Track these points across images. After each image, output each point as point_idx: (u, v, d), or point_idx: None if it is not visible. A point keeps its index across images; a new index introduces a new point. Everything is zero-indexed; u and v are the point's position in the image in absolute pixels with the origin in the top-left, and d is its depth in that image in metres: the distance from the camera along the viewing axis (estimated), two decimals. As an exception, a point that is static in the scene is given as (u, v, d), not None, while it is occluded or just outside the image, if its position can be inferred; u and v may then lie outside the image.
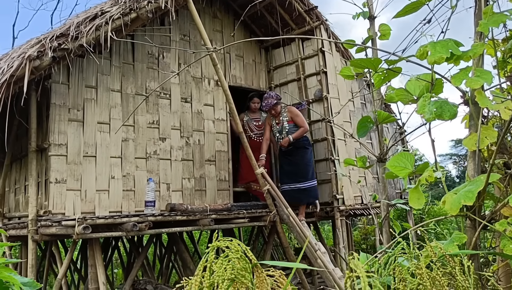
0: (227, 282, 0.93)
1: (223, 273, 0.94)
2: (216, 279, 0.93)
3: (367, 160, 2.45)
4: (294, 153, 6.22)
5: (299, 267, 1.18)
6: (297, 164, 6.17)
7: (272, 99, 6.20)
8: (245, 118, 7.03)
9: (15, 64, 4.00)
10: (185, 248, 6.14)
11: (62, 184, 5.06)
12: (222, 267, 0.94)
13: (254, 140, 6.87)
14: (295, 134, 6.16)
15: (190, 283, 0.96)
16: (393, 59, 1.46)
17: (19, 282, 1.44)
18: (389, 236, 2.27)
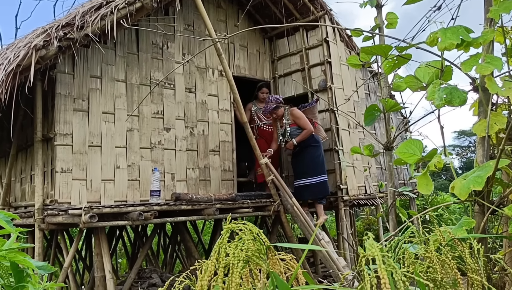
0: (242, 263, 0.95)
1: (238, 254, 0.95)
2: (231, 260, 0.95)
3: (373, 149, 2.46)
4: (301, 153, 6.16)
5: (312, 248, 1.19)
6: (304, 161, 6.13)
7: (271, 104, 6.17)
8: (253, 108, 6.97)
9: (21, 53, 4.02)
10: (189, 237, 6.18)
11: (68, 173, 5.09)
12: (238, 248, 0.96)
13: (263, 129, 6.86)
14: (299, 137, 6.09)
15: (206, 263, 0.98)
16: (403, 46, 1.47)
17: (34, 266, 1.47)
18: (395, 223, 2.29)
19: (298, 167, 6.21)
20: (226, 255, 1.09)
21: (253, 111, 6.93)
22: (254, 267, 1.04)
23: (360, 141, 7.04)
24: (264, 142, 6.68)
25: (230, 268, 0.94)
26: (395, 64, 1.58)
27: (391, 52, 1.51)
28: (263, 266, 1.00)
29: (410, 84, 1.59)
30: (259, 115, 6.91)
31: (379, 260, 0.78)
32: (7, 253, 1.48)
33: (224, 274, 1.04)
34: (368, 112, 2.30)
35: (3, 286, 1.53)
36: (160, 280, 5.74)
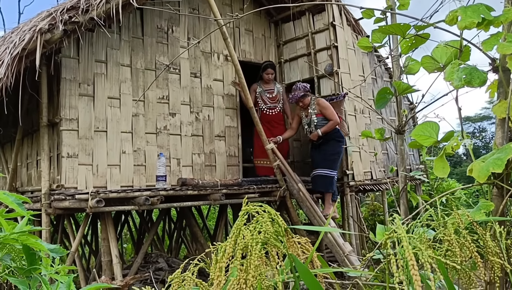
0: (260, 245, 0.93)
1: (257, 236, 0.94)
2: (249, 242, 0.93)
3: (384, 132, 2.44)
4: (326, 144, 6.00)
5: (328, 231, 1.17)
6: (325, 151, 5.97)
7: (299, 91, 5.99)
8: (258, 89, 6.76)
9: (26, 37, 3.98)
10: (195, 222, 6.19)
11: (74, 158, 5.09)
12: (256, 230, 0.95)
13: (267, 113, 6.69)
14: (324, 128, 5.93)
15: (224, 245, 0.97)
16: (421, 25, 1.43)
17: (46, 248, 1.46)
18: (406, 208, 2.27)
19: (317, 157, 6.03)
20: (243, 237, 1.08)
21: (257, 93, 6.72)
22: (271, 249, 1.02)
23: (367, 126, 7.00)
24: (266, 129, 6.48)
25: (248, 250, 0.92)
26: (412, 44, 1.54)
27: (409, 32, 1.47)
28: (281, 248, 0.98)
29: (426, 65, 1.56)
30: (264, 98, 6.73)
31: (405, 241, 0.76)
32: (19, 236, 1.47)
33: (241, 256, 1.02)
34: (380, 95, 2.26)
35: (15, 268, 1.52)
36: (166, 265, 5.77)
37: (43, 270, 1.46)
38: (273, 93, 6.75)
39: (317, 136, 5.96)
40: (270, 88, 6.77)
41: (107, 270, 5.01)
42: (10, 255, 1.60)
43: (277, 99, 6.76)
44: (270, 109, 6.70)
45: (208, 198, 5.41)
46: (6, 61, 3.94)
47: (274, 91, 6.78)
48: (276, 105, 6.73)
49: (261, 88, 6.79)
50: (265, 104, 6.70)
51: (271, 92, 6.76)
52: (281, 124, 6.77)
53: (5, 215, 1.60)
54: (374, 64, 7.53)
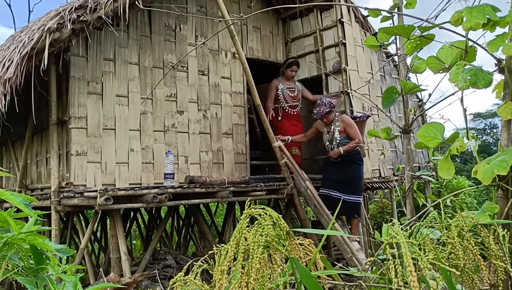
0: (262, 248, 0.94)
1: (258, 239, 0.94)
2: (251, 246, 0.94)
3: (391, 131, 2.43)
4: (345, 166, 5.79)
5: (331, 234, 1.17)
6: (347, 176, 5.75)
7: (324, 107, 5.72)
8: (279, 86, 6.63)
9: (35, 36, 4.02)
10: (203, 220, 6.22)
11: (82, 156, 5.13)
12: (257, 233, 0.95)
13: (288, 112, 6.59)
14: (346, 146, 5.69)
15: (226, 248, 0.97)
16: (426, 26, 1.42)
17: (53, 248, 1.48)
18: (412, 207, 2.27)
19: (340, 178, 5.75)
20: (245, 240, 1.08)
21: (279, 90, 6.61)
22: (273, 252, 1.03)
23: (375, 124, 6.97)
24: (288, 123, 6.54)
25: (250, 253, 0.93)
26: (417, 44, 1.53)
27: (414, 33, 1.46)
28: (282, 251, 0.99)
29: (432, 65, 1.55)
30: (285, 96, 6.59)
31: (404, 247, 0.76)
32: (27, 236, 1.49)
33: (243, 259, 1.03)
34: (386, 94, 2.25)
35: (23, 267, 1.55)
36: (174, 262, 5.81)
37: (51, 270, 1.48)
38: (294, 92, 6.68)
39: (338, 154, 5.71)
40: (291, 86, 6.69)
41: (116, 267, 5.06)
42: (18, 255, 1.63)
43: (298, 98, 6.68)
44: (291, 108, 6.63)
45: (215, 195, 5.43)
46: (15, 61, 3.98)
47: (295, 90, 6.70)
48: (297, 104, 6.66)
49: (283, 85, 6.67)
50: (286, 102, 6.61)
51: (292, 91, 6.67)
52: (300, 122, 6.74)
53: (13, 215, 1.62)
54: (383, 61, 7.48)
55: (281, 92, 6.60)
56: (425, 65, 2.18)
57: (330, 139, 5.86)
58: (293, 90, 6.68)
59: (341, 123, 5.80)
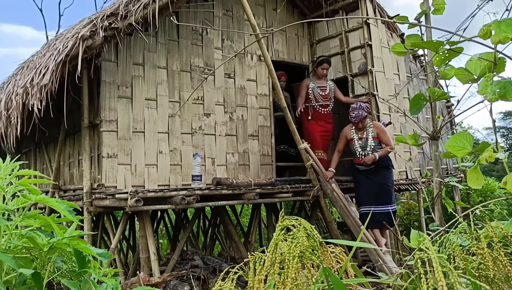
0: (297, 259, 0.99)
1: (293, 250, 1.00)
2: (286, 256, 0.99)
3: (418, 137, 2.44)
4: (377, 173, 5.68)
5: (360, 245, 1.22)
6: (381, 185, 5.61)
7: (362, 111, 5.62)
8: (310, 84, 6.55)
9: (69, 44, 4.17)
10: (229, 220, 6.30)
11: (113, 158, 5.27)
12: (292, 244, 1.00)
13: (318, 111, 6.52)
14: (381, 152, 5.61)
15: (263, 258, 1.03)
16: (455, 40, 1.44)
17: (95, 253, 1.56)
18: (441, 214, 2.28)
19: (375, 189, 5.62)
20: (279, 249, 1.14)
21: (310, 89, 6.53)
22: (307, 261, 1.08)
23: (402, 125, 6.91)
24: (316, 125, 6.50)
25: (286, 263, 0.98)
26: (446, 57, 1.55)
27: (442, 47, 1.49)
28: (316, 261, 1.04)
29: (460, 76, 1.57)
30: (316, 95, 6.51)
31: (436, 263, 0.79)
32: (70, 240, 1.58)
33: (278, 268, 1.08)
34: (414, 101, 2.27)
35: (66, 270, 1.64)
36: (202, 262, 5.91)
37: (93, 273, 1.57)
38: (325, 91, 6.58)
39: (373, 159, 5.58)
40: (322, 84, 6.61)
41: (145, 267, 5.19)
42: (60, 258, 1.73)
43: (329, 97, 6.58)
44: (322, 107, 6.54)
45: (242, 197, 5.50)
46: (51, 67, 4.14)
47: (327, 89, 6.60)
48: (328, 103, 6.57)
49: (314, 83, 6.60)
50: (317, 101, 6.53)
51: (323, 89, 6.58)
52: (329, 123, 6.66)
53: (57, 219, 1.72)
54: (410, 62, 7.42)
55: (312, 91, 6.54)
56: (453, 72, 2.20)
57: (363, 146, 5.72)
58: (324, 88, 6.59)
59: (374, 128, 5.73)
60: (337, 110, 7.92)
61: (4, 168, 1.67)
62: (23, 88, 4.22)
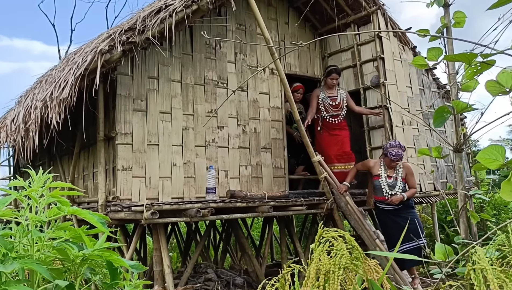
0: (342, 270, 0.99)
1: (339, 261, 1.00)
2: (331, 268, 1.00)
3: (442, 150, 2.44)
4: (403, 211, 5.56)
5: (396, 256, 1.21)
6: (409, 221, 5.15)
7: (401, 150, 5.50)
8: (320, 94, 6.53)
9: (88, 58, 4.23)
10: (242, 233, 6.29)
11: (128, 171, 5.30)
12: (337, 256, 1.01)
13: (329, 121, 6.49)
14: (409, 193, 5.59)
15: (309, 269, 1.03)
16: (488, 53, 1.45)
17: (127, 264, 1.58)
18: (466, 226, 2.26)
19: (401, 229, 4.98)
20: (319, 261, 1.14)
21: (320, 99, 6.52)
22: (347, 273, 1.08)
23: (415, 138, 6.90)
24: (328, 135, 6.48)
25: (330, 274, 0.99)
26: (478, 70, 1.56)
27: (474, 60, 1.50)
28: (360, 273, 1.04)
29: (491, 88, 1.57)
30: (326, 105, 6.48)
31: (491, 274, 0.80)
32: (103, 252, 1.59)
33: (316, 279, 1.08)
34: (438, 114, 2.27)
35: (99, 281, 1.65)
36: (215, 275, 5.89)
37: (127, 287, 1.58)
38: (336, 100, 6.53)
39: (401, 199, 5.49)
40: (333, 94, 6.56)
41: (159, 280, 5.17)
42: (89, 269, 1.74)
43: (340, 106, 6.52)
44: (333, 117, 6.48)
45: (256, 210, 5.50)
46: (70, 81, 4.20)
47: (337, 98, 6.55)
48: (339, 113, 6.49)
49: (324, 94, 6.57)
50: (327, 112, 6.49)
51: (334, 99, 6.54)
52: (344, 130, 6.58)
53: (87, 231, 1.73)
54: (422, 74, 7.42)
55: (322, 101, 6.51)
56: (474, 84, 2.20)
57: (392, 185, 5.58)
58: (335, 98, 6.54)
59: (404, 169, 5.65)
60: (349, 122, 7.93)
61: (37, 180, 1.70)
62: (43, 101, 4.28)
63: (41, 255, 1.63)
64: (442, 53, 2.37)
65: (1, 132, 5.93)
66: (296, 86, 6.87)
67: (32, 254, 1.61)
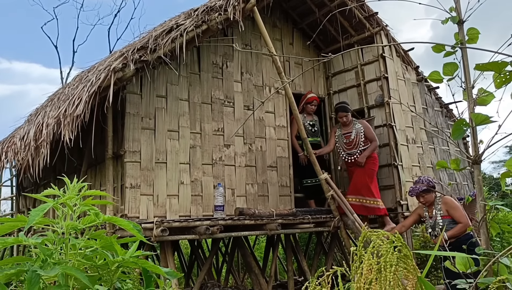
0: (394, 266, 1.02)
1: (390, 258, 1.03)
2: (382, 264, 1.02)
3: (460, 162, 2.48)
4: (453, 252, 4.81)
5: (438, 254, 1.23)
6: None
7: (421, 185, 5.10)
8: (337, 132, 6.41)
9: (102, 75, 4.29)
10: (249, 252, 6.26)
11: (136, 189, 5.32)
12: (388, 253, 1.04)
13: (347, 161, 6.29)
14: (452, 231, 4.84)
15: (361, 266, 1.06)
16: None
17: (163, 272, 1.59)
18: (487, 237, 2.29)
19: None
20: (360, 263, 1.17)
21: (337, 137, 6.40)
22: (398, 270, 1.11)
23: (419, 156, 6.95)
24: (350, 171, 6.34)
25: (383, 269, 1.01)
26: (506, 79, 1.62)
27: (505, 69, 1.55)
28: (411, 271, 1.07)
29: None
30: (341, 143, 6.32)
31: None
32: (138, 259, 1.61)
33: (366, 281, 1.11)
34: (456, 126, 2.32)
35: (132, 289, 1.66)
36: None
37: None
38: (349, 137, 6.25)
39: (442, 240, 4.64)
40: (347, 131, 6.30)
41: (167, 299, 5.13)
42: (119, 279, 1.75)
43: (354, 143, 6.20)
44: (349, 156, 6.24)
45: (264, 228, 5.49)
46: (84, 98, 4.25)
47: (352, 135, 6.24)
48: (354, 151, 6.19)
49: (340, 131, 6.40)
50: (343, 150, 6.32)
51: (348, 136, 6.28)
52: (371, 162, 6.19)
53: (118, 240, 1.75)
54: (425, 93, 7.53)
55: (338, 139, 6.38)
56: (492, 98, 2.26)
57: (433, 225, 5.10)
58: (349, 135, 6.27)
59: (443, 205, 5.06)
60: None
61: (71, 188, 1.73)
62: (56, 118, 4.32)
63: (76, 262, 1.65)
64: (458, 68, 2.44)
65: (9, 151, 5.95)
66: (310, 98, 6.85)
67: (67, 261, 1.62)
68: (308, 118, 6.84)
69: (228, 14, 5.24)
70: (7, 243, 1.47)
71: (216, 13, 5.13)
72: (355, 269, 1.12)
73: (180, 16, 5.45)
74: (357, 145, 6.18)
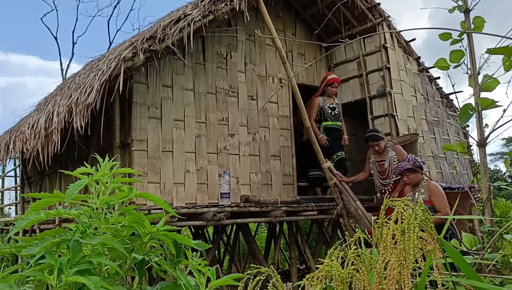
0: (417, 228, 1.12)
1: (413, 221, 1.13)
2: (405, 226, 1.13)
3: (466, 146, 2.59)
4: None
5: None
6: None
7: (406, 163, 5.00)
8: (371, 158, 6.08)
9: (112, 64, 4.38)
10: (253, 239, 6.38)
11: (143, 177, 5.42)
12: (411, 217, 1.14)
13: (381, 191, 6.01)
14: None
15: (386, 231, 1.17)
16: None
17: (193, 243, 1.70)
18: (491, 216, 2.41)
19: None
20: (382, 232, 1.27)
21: (371, 164, 6.10)
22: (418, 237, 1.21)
23: (420, 145, 7.06)
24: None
25: (406, 230, 1.12)
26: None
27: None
28: (433, 233, 1.18)
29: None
30: (375, 172, 6.03)
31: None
32: (169, 232, 1.72)
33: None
34: (463, 111, 2.43)
35: (165, 258, 1.76)
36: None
37: (190, 263, 1.70)
38: (383, 166, 5.89)
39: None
40: (381, 159, 5.93)
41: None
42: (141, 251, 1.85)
43: (387, 173, 5.84)
44: (384, 186, 5.95)
45: (269, 215, 5.61)
46: (95, 87, 4.34)
47: (385, 163, 5.86)
48: (387, 181, 5.87)
49: (374, 157, 6.03)
50: (378, 180, 6.02)
51: (381, 165, 5.91)
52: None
53: (147, 216, 1.86)
54: (426, 84, 7.64)
55: (372, 166, 6.04)
56: (496, 83, 2.37)
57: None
58: (382, 164, 5.90)
59: (427, 191, 4.91)
60: (354, 131, 8.11)
61: (103, 166, 1.83)
62: (68, 106, 4.41)
63: (109, 234, 1.76)
64: (464, 56, 2.55)
65: (17, 141, 6.03)
66: (331, 79, 6.61)
67: (102, 233, 1.73)
68: (328, 101, 6.71)
69: (234, 4, 5.32)
70: (50, 214, 1.57)
71: (223, 3, 5.21)
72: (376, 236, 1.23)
73: (187, 6, 5.52)
74: (390, 175, 5.82)
